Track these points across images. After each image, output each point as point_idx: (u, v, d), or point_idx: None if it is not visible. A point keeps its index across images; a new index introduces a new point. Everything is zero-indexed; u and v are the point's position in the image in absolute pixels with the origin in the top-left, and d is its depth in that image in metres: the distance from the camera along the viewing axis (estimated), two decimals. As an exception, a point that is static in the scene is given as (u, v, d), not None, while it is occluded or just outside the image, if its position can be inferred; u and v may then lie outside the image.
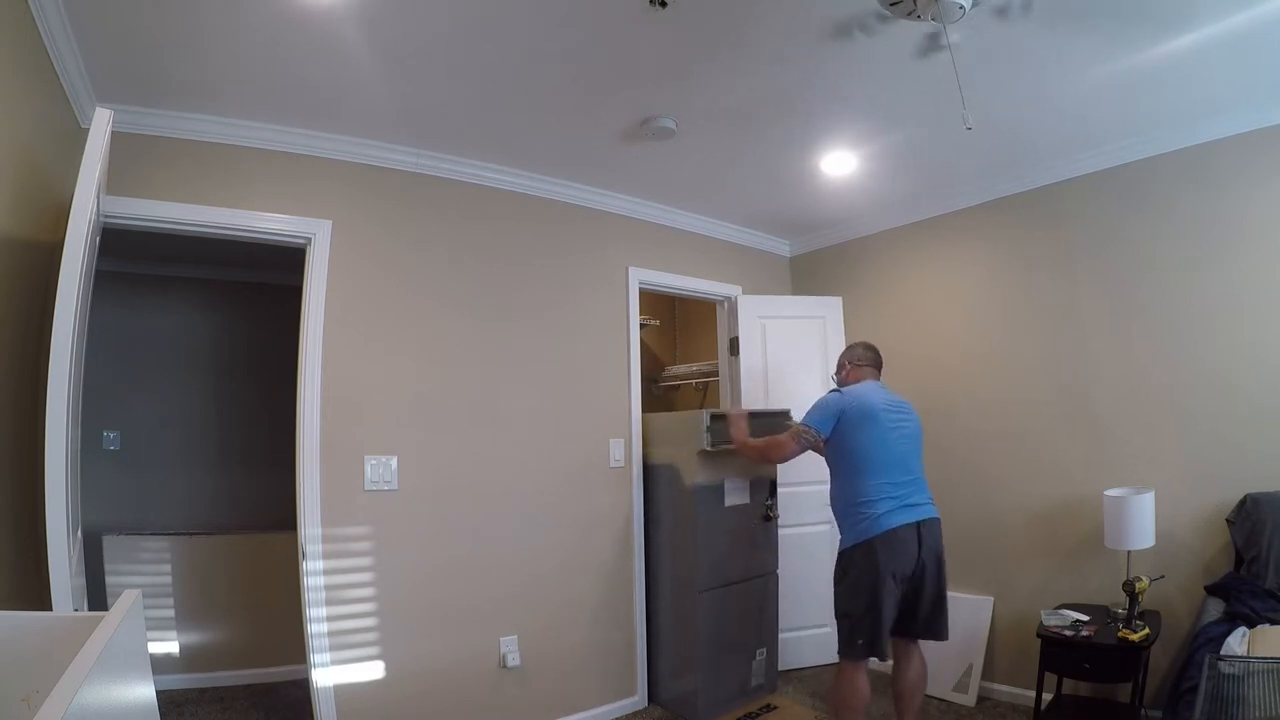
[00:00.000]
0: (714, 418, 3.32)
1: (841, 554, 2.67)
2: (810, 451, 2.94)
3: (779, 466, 3.63)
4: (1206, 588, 2.68)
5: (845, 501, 2.68)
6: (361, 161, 2.91)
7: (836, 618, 2.66)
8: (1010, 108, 2.73)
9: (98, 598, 3.32)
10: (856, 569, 2.57)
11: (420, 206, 3.05)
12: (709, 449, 3.29)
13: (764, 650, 3.55)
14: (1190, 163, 2.95)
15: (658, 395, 5.10)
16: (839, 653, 2.63)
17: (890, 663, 2.73)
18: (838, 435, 2.72)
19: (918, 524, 2.59)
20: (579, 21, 2.13)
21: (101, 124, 1.70)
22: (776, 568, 3.66)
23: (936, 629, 2.65)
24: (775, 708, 3.44)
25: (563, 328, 3.42)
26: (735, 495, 3.48)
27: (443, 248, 3.09)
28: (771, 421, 3.40)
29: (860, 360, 2.93)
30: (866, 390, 2.78)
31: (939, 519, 2.69)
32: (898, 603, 2.56)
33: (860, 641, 2.54)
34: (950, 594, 3.54)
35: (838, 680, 2.65)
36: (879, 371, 2.94)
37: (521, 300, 3.29)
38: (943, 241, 3.83)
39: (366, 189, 2.92)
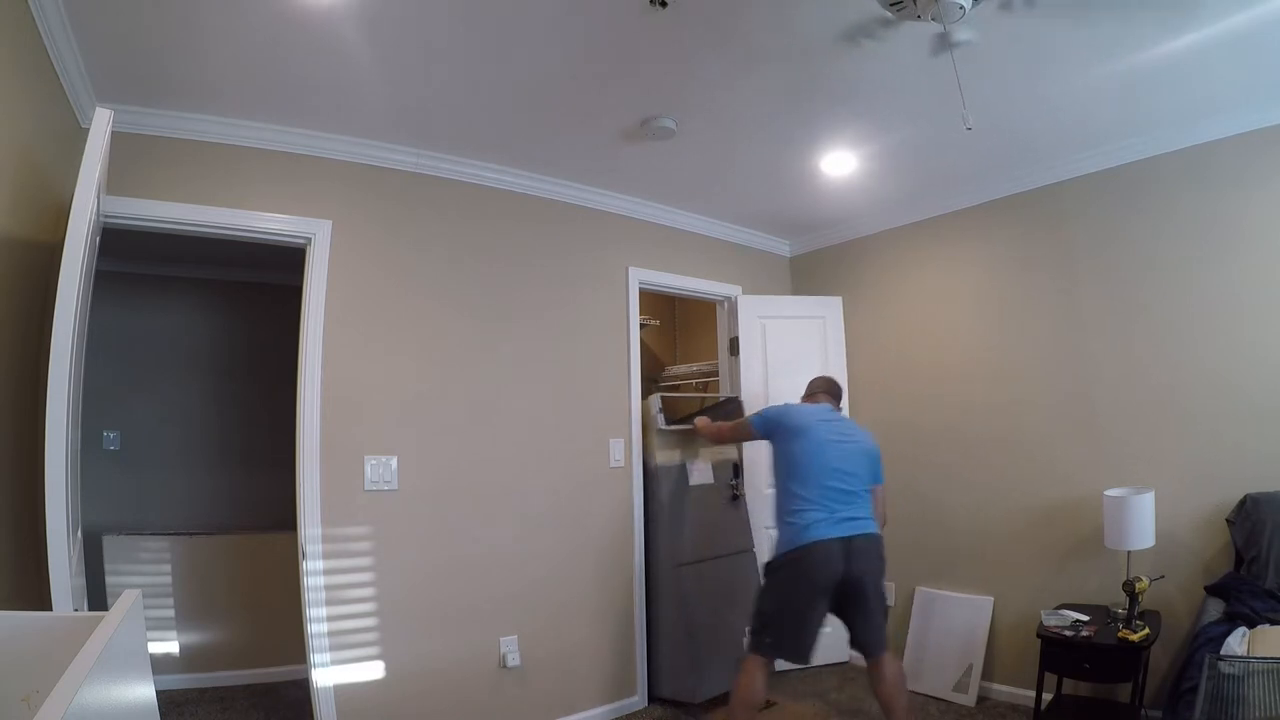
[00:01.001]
0: (665, 400, 3.68)
1: (770, 559, 2.73)
2: None
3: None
4: (1206, 588, 2.68)
5: (779, 510, 2.76)
6: (361, 161, 2.91)
7: (752, 613, 2.74)
8: (1010, 108, 2.73)
9: (98, 598, 3.32)
10: (778, 576, 2.65)
11: (420, 206, 3.05)
12: (664, 428, 3.58)
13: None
14: (1190, 163, 2.95)
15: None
16: (746, 645, 2.72)
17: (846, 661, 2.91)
18: (775, 446, 2.85)
19: (846, 539, 2.58)
20: (579, 21, 2.13)
21: (101, 124, 1.70)
22: (751, 546, 3.76)
23: (867, 646, 2.65)
24: (774, 704, 3.45)
25: (563, 328, 3.42)
26: (699, 475, 3.67)
27: (443, 248, 3.09)
28: (723, 407, 3.75)
29: (813, 389, 3.12)
30: (807, 408, 2.94)
31: (876, 535, 2.66)
32: (823, 613, 2.62)
33: (768, 640, 2.62)
34: (950, 594, 3.60)
35: (739, 672, 2.69)
36: (834, 399, 3.03)
37: (521, 300, 3.29)
38: (942, 241, 3.83)
39: (366, 189, 2.92)
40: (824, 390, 3.07)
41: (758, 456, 3.93)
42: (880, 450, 2.90)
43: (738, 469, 3.83)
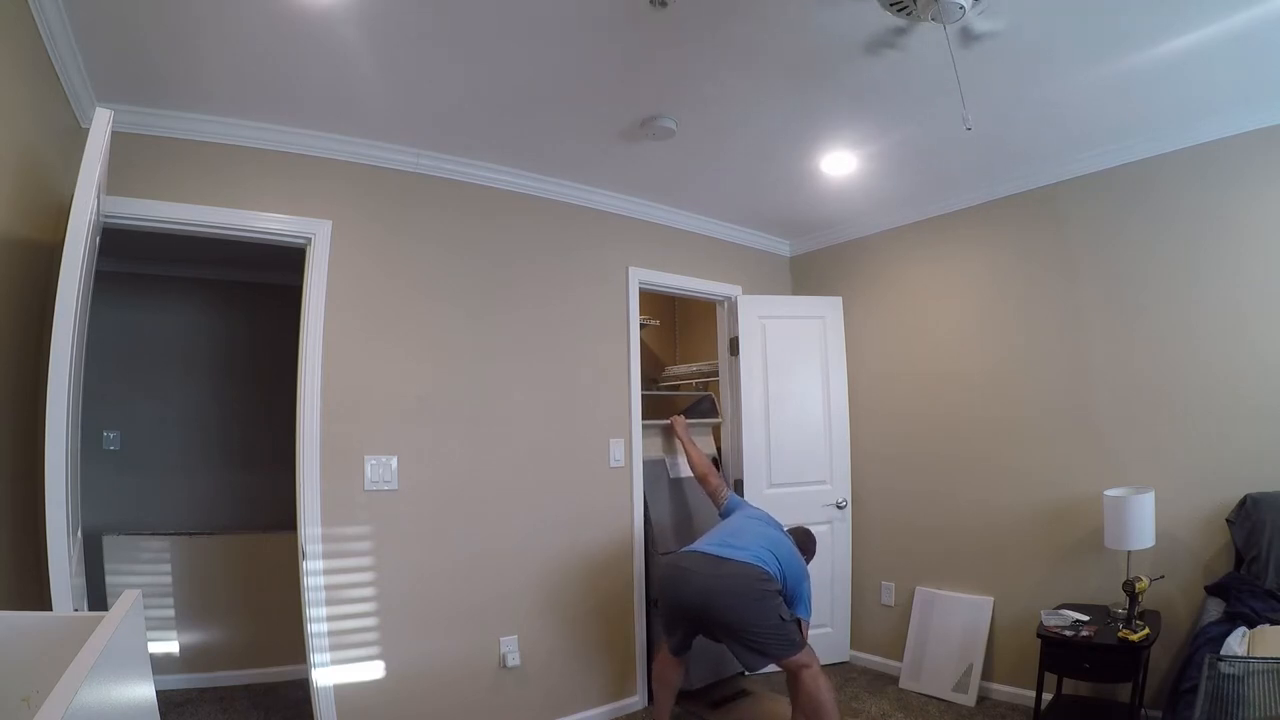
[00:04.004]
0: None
1: None
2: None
3: (772, 466, 3.98)
4: (1206, 588, 2.68)
5: None
6: (361, 161, 2.91)
7: None
8: (1010, 107, 2.73)
9: (98, 598, 3.32)
10: (662, 568, 2.96)
11: (420, 206, 3.05)
12: (643, 423, 3.68)
13: None
14: (1191, 163, 2.95)
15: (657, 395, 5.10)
16: None
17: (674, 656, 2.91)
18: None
19: (716, 557, 2.66)
20: (579, 22, 2.13)
21: (101, 124, 1.70)
22: None
23: (742, 661, 2.67)
24: (749, 694, 3.49)
25: (563, 328, 3.42)
26: (680, 469, 3.80)
27: (443, 248, 3.09)
28: (697, 408, 4.18)
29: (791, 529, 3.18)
30: (766, 515, 3.06)
31: (749, 565, 2.61)
32: (685, 624, 2.75)
33: (661, 622, 2.96)
34: (950, 594, 3.60)
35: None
36: (798, 544, 3.00)
37: (521, 300, 3.29)
38: (943, 241, 3.83)
39: (366, 189, 2.92)
40: (795, 535, 3.09)
41: (746, 449, 3.95)
42: (809, 586, 2.86)
43: (717, 463, 3.89)
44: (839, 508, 4.01)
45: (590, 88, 2.54)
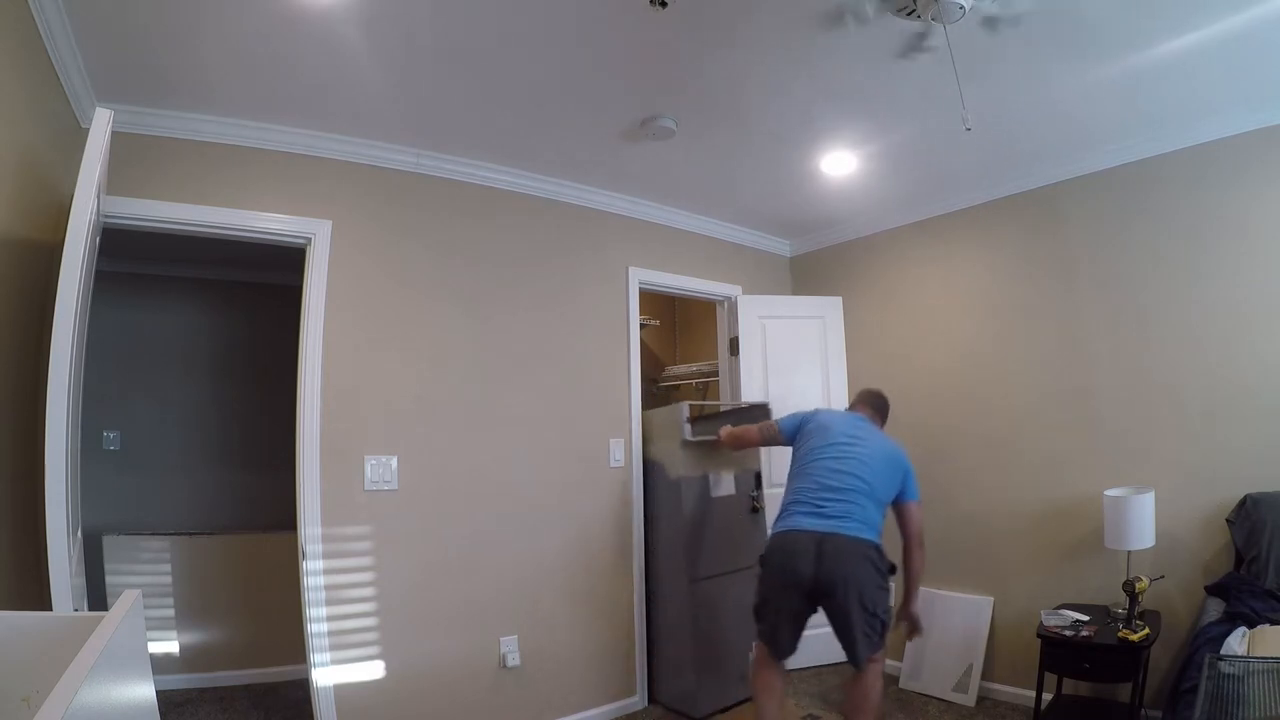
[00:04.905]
0: (693, 409, 3.54)
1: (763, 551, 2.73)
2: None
3: (772, 466, 3.83)
4: (1206, 588, 2.68)
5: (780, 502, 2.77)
6: (361, 161, 2.91)
7: None
8: (1010, 108, 2.73)
9: (98, 598, 3.32)
10: (763, 565, 2.66)
11: (420, 206, 3.05)
12: (690, 439, 3.45)
13: None
14: (1191, 163, 2.95)
15: (658, 395, 5.10)
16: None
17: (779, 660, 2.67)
18: (796, 444, 2.86)
19: (820, 534, 2.48)
20: (579, 22, 2.13)
21: (101, 124, 1.70)
22: None
23: (849, 654, 2.51)
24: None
25: (563, 328, 3.42)
26: (721, 487, 3.58)
27: (443, 248, 3.09)
28: (749, 414, 3.64)
29: (857, 398, 3.08)
30: (838, 414, 2.92)
31: (860, 540, 2.48)
32: (794, 609, 2.54)
33: (759, 628, 2.66)
34: (950, 594, 3.60)
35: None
36: (874, 412, 2.94)
37: (522, 300, 3.29)
38: (943, 241, 3.83)
39: (366, 189, 2.92)
40: (865, 401, 2.98)
41: (781, 463, 3.88)
42: (912, 466, 2.73)
43: (759, 479, 3.73)
44: (839, 508, 3.99)
45: (590, 88, 2.54)
